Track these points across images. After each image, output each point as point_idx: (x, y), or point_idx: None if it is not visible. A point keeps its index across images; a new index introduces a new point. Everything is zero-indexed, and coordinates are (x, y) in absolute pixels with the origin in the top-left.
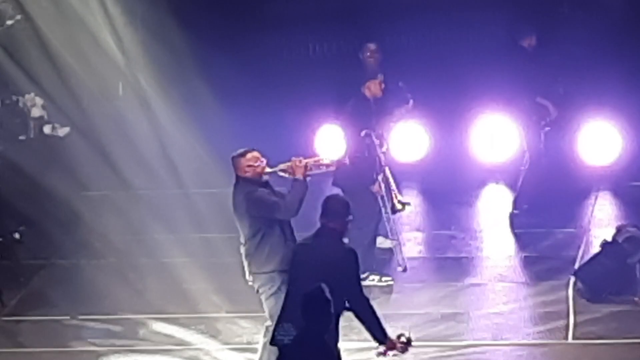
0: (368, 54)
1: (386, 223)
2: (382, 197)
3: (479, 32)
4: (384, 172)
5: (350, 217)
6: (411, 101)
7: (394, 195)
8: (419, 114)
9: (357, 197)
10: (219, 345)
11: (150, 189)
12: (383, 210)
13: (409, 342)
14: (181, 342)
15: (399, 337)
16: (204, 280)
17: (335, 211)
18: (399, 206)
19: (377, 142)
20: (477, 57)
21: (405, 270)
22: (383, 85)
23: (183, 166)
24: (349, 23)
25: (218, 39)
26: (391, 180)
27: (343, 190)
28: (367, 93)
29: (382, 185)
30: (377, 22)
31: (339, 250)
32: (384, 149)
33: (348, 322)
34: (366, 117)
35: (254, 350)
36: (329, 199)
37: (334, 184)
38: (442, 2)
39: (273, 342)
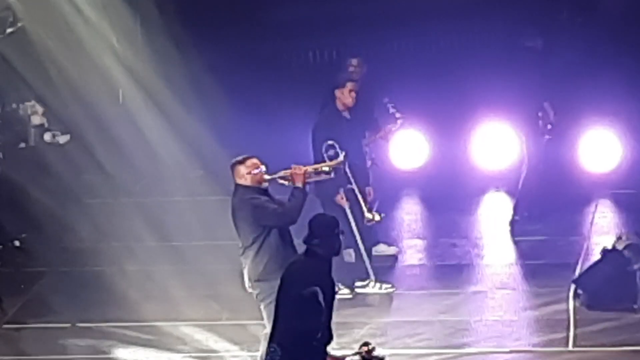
0: (351, 68)
1: (356, 234)
2: (349, 209)
3: (479, 38)
4: (350, 183)
5: (339, 237)
6: (399, 121)
7: (363, 206)
8: (419, 121)
9: (325, 209)
10: (218, 353)
11: (150, 196)
12: (352, 222)
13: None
14: (182, 349)
15: (364, 344)
16: (205, 287)
17: (319, 233)
18: (368, 216)
19: (342, 153)
20: (478, 64)
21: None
22: (354, 94)
23: (183, 173)
24: (349, 30)
25: (218, 46)
26: (357, 191)
27: (320, 202)
28: (338, 104)
29: (344, 198)
30: (377, 29)
31: (319, 278)
32: (368, 163)
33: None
34: (336, 128)
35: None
36: (314, 219)
37: (316, 195)
38: (442, 9)
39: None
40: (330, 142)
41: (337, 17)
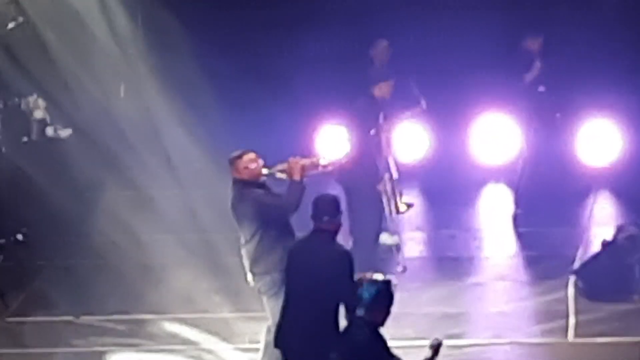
0: (379, 50)
1: (388, 222)
2: (386, 197)
3: (479, 32)
4: (390, 171)
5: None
6: (423, 102)
7: (398, 196)
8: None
9: (361, 196)
10: (220, 346)
11: (151, 189)
12: (386, 209)
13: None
14: (183, 342)
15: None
16: (205, 280)
17: (325, 211)
18: (402, 207)
19: (384, 141)
20: (478, 58)
21: (404, 270)
22: (389, 87)
23: (184, 167)
24: (348, 23)
25: (218, 39)
26: (395, 180)
27: (347, 188)
28: (377, 93)
29: (387, 185)
30: (376, 23)
31: (332, 251)
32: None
33: None
34: (375, 116)
35: (254, 351)
36: (318, 199)
37: (338, 181)
38: (441, 3)
39: (277, 344)
40: (373, 130)
41: (337, 11)
